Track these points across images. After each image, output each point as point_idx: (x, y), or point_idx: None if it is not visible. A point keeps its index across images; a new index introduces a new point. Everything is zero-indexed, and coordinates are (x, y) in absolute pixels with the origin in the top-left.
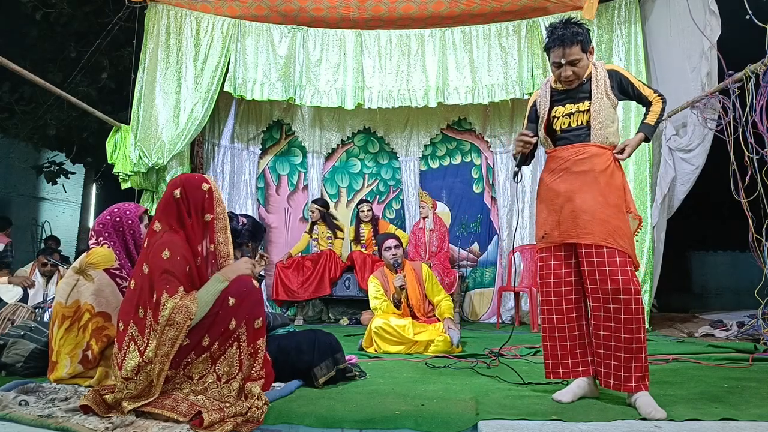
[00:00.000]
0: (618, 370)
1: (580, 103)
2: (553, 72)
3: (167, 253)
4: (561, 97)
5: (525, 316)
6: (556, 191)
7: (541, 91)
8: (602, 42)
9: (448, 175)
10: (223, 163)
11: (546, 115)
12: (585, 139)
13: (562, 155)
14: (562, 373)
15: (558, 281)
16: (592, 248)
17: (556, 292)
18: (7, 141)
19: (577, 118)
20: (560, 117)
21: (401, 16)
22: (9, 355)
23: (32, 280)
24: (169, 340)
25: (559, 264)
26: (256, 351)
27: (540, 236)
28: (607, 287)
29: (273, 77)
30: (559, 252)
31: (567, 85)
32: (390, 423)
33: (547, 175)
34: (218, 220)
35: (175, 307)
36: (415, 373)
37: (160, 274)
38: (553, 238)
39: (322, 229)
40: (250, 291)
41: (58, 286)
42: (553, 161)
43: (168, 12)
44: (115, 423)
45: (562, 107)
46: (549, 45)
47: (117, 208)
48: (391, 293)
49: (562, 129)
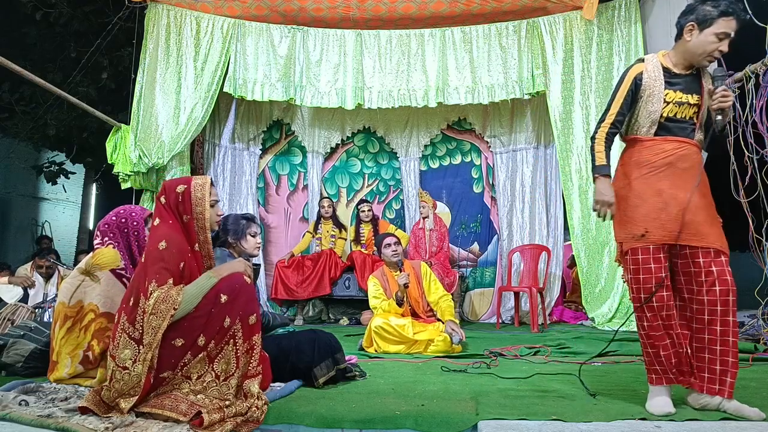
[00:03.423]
0: (724, 375)
1: (690, 95)
2: (705, 43)
3: (163, 244)
4: (673, 81)
5: (525, 316)
6: (658, 188)
7: (648, 68)
8: (602, 42)
9: (448, 175)
10: (223, 163)
11: (660, 98)
12: (690, 134)
13: (664, 147)
14: (669, 379)
15: (660, 284)
16: (698, 249)
17: (658, 297)
18: (7, 141)
19: (685, 110)
20: (670, 103)
21: (401, 16)
22: (9, 355)
23: (32, 280)
24: (152, 329)
25: (659, 267)
26: (252, 347)
27: (638, 234)
28: (715, 289)
29: (273, 77)
30: (658, 254)
31: (704, 64)
32: (390, 423)
33: (645, 168)
34: (197, 220)
35: (160, 296)
36: (415, 373)
37: (153, 263)
38: (656, 238)
39: (327, 227)
40: (242, 288)
41: (62, 285)
42: (649, 152)
43: (168, 12)
44: (115, 423)
45: (673, 92)
46: (725, 11)
47: (123, 210)
48: (392, 293)
49: (668, 117)
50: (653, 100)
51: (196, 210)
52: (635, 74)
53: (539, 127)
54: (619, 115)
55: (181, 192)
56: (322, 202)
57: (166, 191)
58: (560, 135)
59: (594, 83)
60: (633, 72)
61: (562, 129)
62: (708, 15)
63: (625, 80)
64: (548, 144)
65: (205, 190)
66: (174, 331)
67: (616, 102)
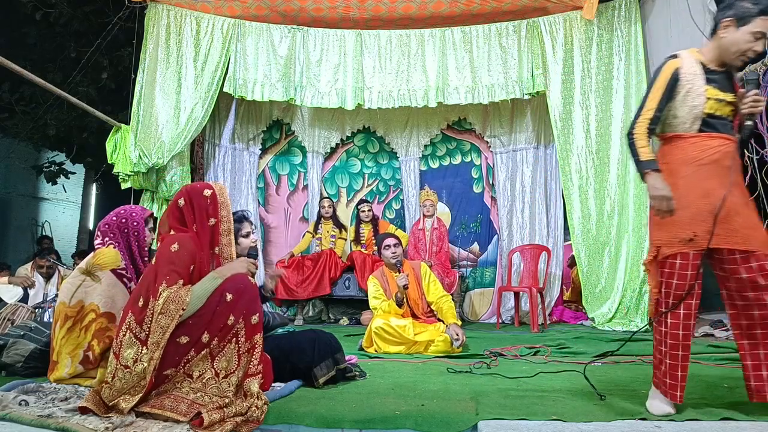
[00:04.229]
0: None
1: (726, 93)
2: (740, 41)
3: (176, 246)
4: (711, 78)
5: (525, 316)
6: (705, 188)
7: (685, 63)
8: (602, 42)
9: (448, 175)
10: (223, 163)
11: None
12: (731, 132)
13: (710, 144)
14: (679, 396)
15: (691, 293)
16: (746, 254)
17: (686, 305)
18: (7, 141)
19: (723, 107)
20: (711, 99)
21: (401, 16)
22: (9, 355)
23: (32, 280)
24: (161, 328)
25: (694, 274)
26: (253, 346)
27: (686, 238)
28: (762, 293)
29: (273, 78)
30: (697, 260)
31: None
32: (390, 423)
33: (691, 167)
34: (222, 223)
35: (170, 296)
36: (415, 373)
37: (165, 264)
38: (704, 243)
39: (327, 227)
40: (246, 287)
41: (62, 285)
42: (694, 149)
43: (168, 12)
44: (115, 423)
45: (712, 89)
46: (765, 9)
47: (123, 210)
48: (392, 293)
49: (709, 114)
50: (694, 95)
51: (222, 213)
52: (672, 69)
53: (539, 127)
54: (657, 110)
55: (208, 196)
56: (322, 202)
57: (190, 194)
58: (560, 135)
59: (594, 83)
60: (670, 67)
61: (562, 129)
62: (747, 12)
63: (662, 75)
64: (548, 144)
65: (227, 196)
66: (180, 329)
67: (652, 97)
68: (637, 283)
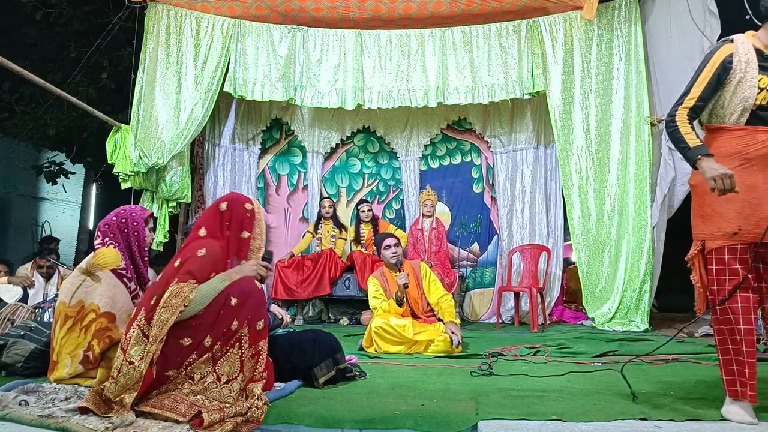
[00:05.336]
0: None
1: None
2: None
3: (202, 251)
4: (766, 65)
5: (525, 316)
6: (752, 182)
7: (739, 50)
8: (602, 42)
9: (448, 175)
10: (223, 163)
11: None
12: None
13: (758, 138)
14: (750, 396)
15: (746, 287)
16: None
17: (743, 299)
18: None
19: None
20: (764, 89)
21: (401, 16)
22: (9, 355)
23: (32, 280)
24: (161, 321)
25: (745, 268)
26: (258, 353)
27: (730, 232)
28: None
29: (273, 77)
30: (746, 254)
31: None
32: (390, 423)
33: (736, 160)
34: (254, 239)
35: (174, 291)
36: (415, 373)
37: (186, 265)
38: (750, 237)
39: (327, 227)
40: (252, 292)
41: (63, 285)
42: (740, 142)
43: (168, 12)
44: (115, 423)
45: (766, 77)
46: None
47: (123, 210)
48: (392, 293)
49: (760, 105)
50: (746, 85)
51: (256, 230)
52: (724, 56)
53: (539, 127)
54: (700, 99)
55: (249, 210)
56: (322, 202)
57: (233, 203)
58: (560, 135)
59: (594, 83)
60: (721, 54)
61: (562, 129)
62: None
63: (711, 62)
64: (548, 144)
65: (263, 217)
66: (183, 330)
67: (698, 85)
68: (637, 283)
